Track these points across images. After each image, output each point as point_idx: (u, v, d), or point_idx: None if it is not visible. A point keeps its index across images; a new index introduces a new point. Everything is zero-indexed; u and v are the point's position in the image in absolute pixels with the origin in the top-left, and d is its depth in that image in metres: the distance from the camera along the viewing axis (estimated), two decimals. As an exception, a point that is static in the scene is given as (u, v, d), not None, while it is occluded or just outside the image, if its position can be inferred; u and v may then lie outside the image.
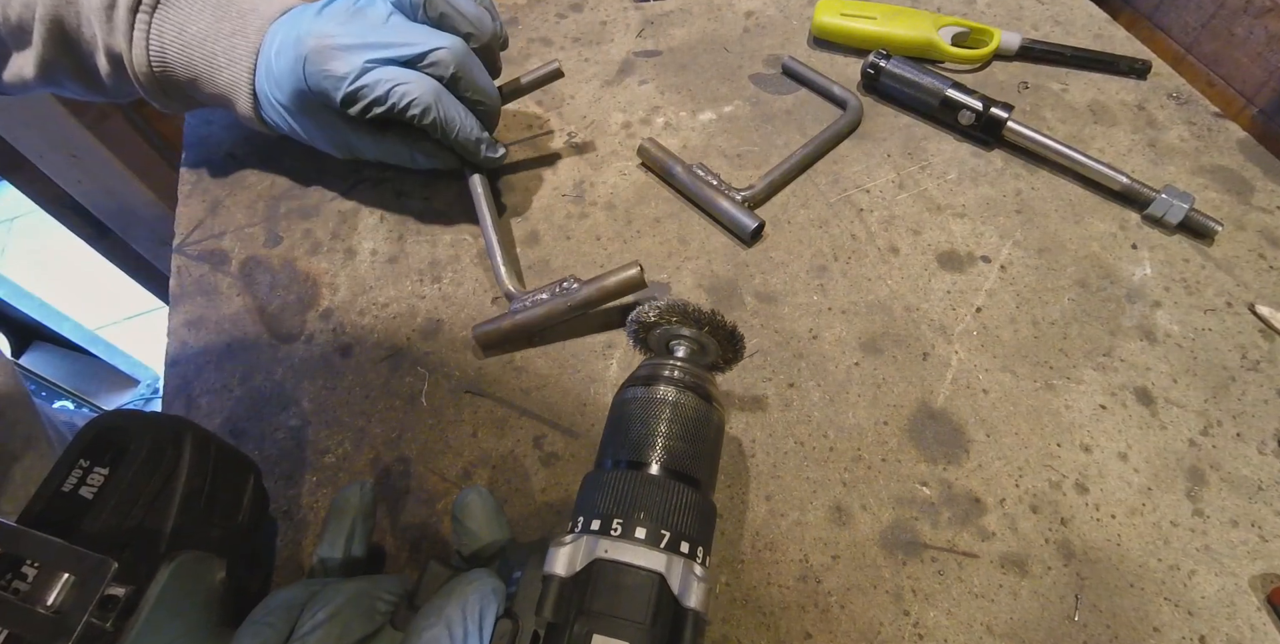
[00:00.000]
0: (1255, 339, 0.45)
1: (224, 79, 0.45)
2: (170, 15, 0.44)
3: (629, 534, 0.26)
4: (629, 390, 0.32)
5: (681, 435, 0.30)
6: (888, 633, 0.35)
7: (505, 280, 0.45)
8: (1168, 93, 0.57)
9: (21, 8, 0.42)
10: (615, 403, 0.32)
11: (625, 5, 0.64)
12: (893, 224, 0.50)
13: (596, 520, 0.27)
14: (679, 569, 0.26)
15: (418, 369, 0.44)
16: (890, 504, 0.39)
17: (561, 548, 0.26)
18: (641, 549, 0.26)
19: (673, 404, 0.30)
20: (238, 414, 0.43)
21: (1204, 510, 0.39)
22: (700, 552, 0.27)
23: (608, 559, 0.25)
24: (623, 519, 0.27)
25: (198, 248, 0.50)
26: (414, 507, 0.39)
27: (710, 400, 0.31)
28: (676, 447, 0.29)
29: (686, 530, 0.27)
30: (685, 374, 0.32)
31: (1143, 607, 0.36)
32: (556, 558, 0.26)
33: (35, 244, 1.83)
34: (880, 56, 0.55)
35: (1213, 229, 0.48)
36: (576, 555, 0.26)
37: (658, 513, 0.27)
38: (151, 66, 0.44)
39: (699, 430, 0.30)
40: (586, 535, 0.26)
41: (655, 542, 0.26)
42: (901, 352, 0.44)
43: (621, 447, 0.30)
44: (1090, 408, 0.42)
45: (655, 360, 0.33)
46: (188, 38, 0.44)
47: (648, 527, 0.26)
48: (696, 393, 0.31)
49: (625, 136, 0.55)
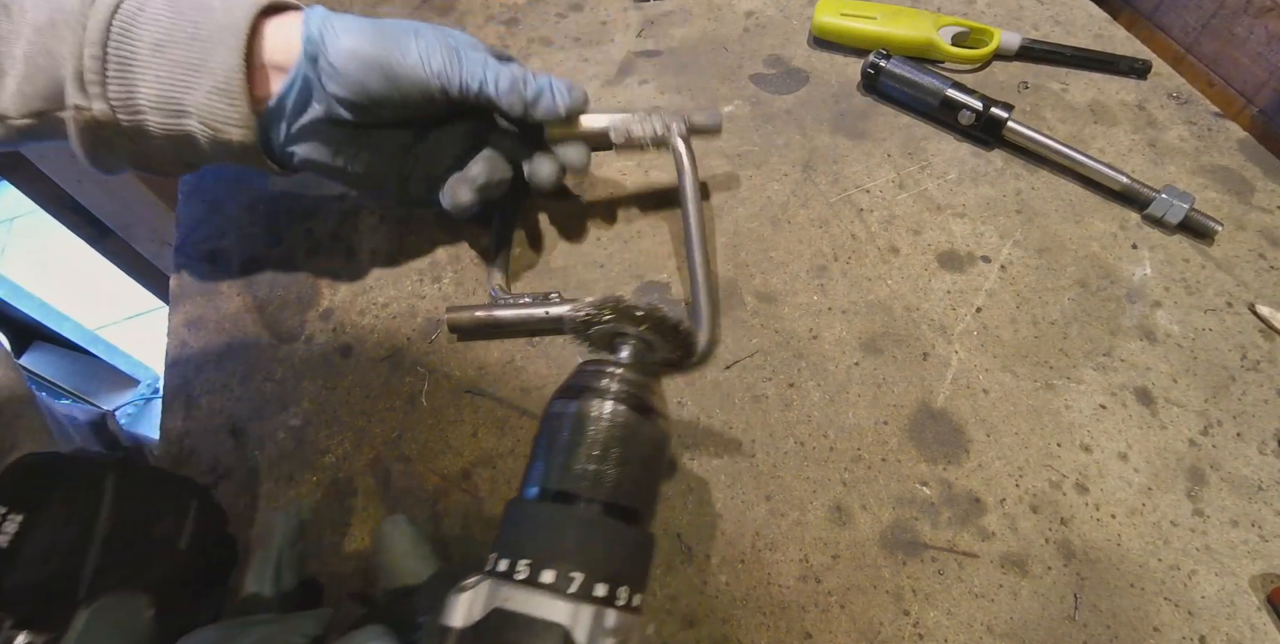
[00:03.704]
0: (1255, 339, 0.45)
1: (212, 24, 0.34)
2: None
3: (534, 579, 0.23)
4: (555, 404, 0.28)
5: (608, 458, 0.26)
6: (888, 633, 0.35)
7: (494, 277, 0.46)
8: (1168, 93, 0.57)
9: None
10: (543, 417, 0.29)
11: (625, 5, 0.64)
12: (893, 224, 0.50)
13: (505, 561, 0.24)
14: (586, 620, 0.23)
15: (418, 369, 0.44)
16: (890, 504, 0.39)
17: (462, 594, 0.24)
18: (545, 597, 0.23)
19: (603, 421, 0.27)
20: (238, 414, 0.43)
21: (1204, 510, 0.39)
22: (624, 593, 0.24)
23: (506, 610, 0.23)
24: (531, 561, 0.24)
25: (198, 248, 0.50)
26: (414, 507, 0.39)
27: (646, 411, 0.28)
28: (602, 472, 0.26)
29: (607, 571, 0.24)
30: (620, 382, 0.28)
31: (1143, 607, 0.36)
32: (455, 607, 0.23)
33: (35, 244, 1.83)
34: (880, 56, 0.55)
35: (1213, 229, 0.48)
36: (476, 604, 0.23)
37: (572, 553, 0.24)
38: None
39: (631, 450, 0.27)
40: (490, 579, 0.24)
41: (563, 588, 0.23)
42: (901, 351, 0.44)
43: (540, 473, 0.27)
44: (1090, 408, 0.42)
45: (590, 365, 0.29)
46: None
47: (557, 569, 0.23)
48: (630, 405, 0.28)
49: (625, 136, 0.55)
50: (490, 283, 0.46)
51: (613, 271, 0.48)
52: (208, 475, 0.41)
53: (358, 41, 0.36)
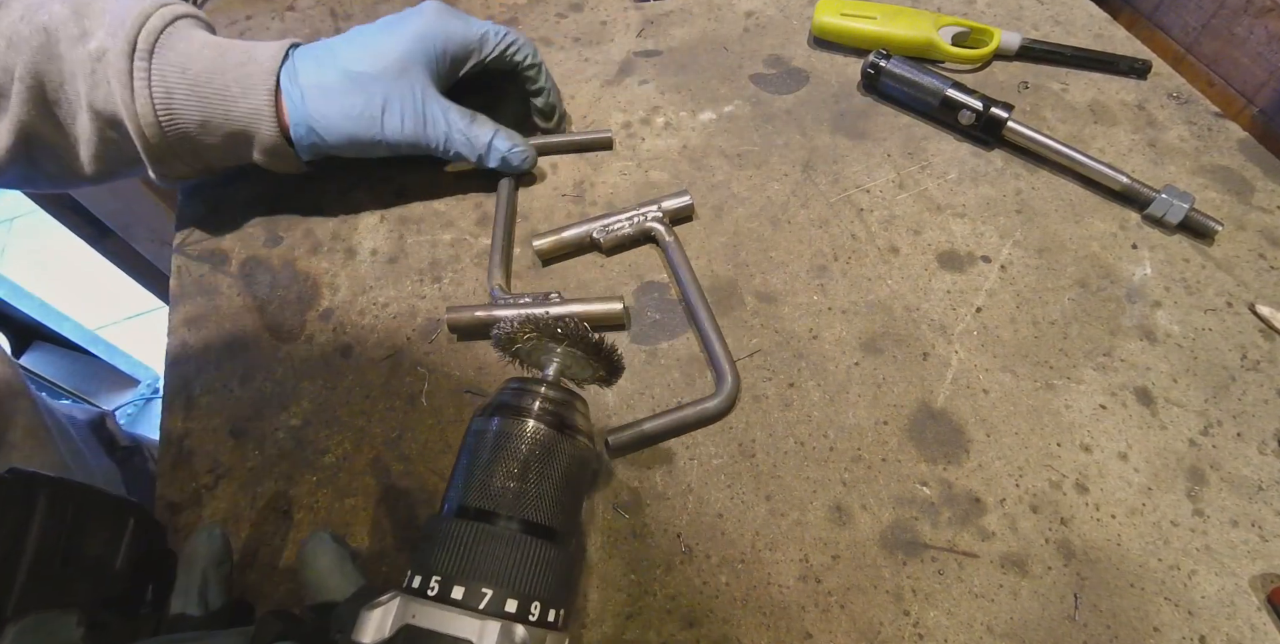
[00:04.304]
0: (1255, 339, 0.45)
1: (242, 109, 0.43)
2: (170, 58, 0.41)
3: (445, 595, 0.24)
4: (478, 421, 0.29)
5: (527, 476, 0.27)
6: (888, 633, 0.35)
7: (493, 277, 0.46)
8: (1168, 93, 0.57)
9: (0, 71, 0.39)
10: (465, 434, 0.29)
11: (625, 5, 0.64)
12: (893, 224, 0.50)
13: (419, 577, 0.25)
14: (493, 635, 0.23)
15: (418, 369, 0.44)
16: (890, 504, 0.39)
17: (373, 611, 0.24)
18: (453, 613, 0.23)
19: (523, 439, 0.27)
20: (238, 414, 0.43)
21: (1204, 510, 0.39)
22: (536, 607, 0.25)
23: (415, 626, 0.23)
24: (442, 577, 0.24)
25: (198, 248, 0.50)
26: (413, 507, 0.39)
27: (567, 430, 0.29)
28: (521, 490, 0.27)
29: (518, 588, 0.24)
30: (542, 400, 0.29)
31: (1143, 607, 0.36)
32: (366, 623, 0.23)
33: (35, 244, 1.83)
34: (880, 56, 0.55)
35: (1213, 229, 0.48)
36: (386, 620, 0.23)
37: (485, 570, 0.24)
38: (157, 115, 0.41)
39: (551, 468, 0.27)
40: (402, 596, 0.24)
41: (472, 604, 0.24)
42: (901, 351, 0.44)
43: (459, 489, 0.27)
44: (1090, 408, 0.42)
45: (514, 382, 0.30)
46: (193, 76, 0.42)
47: (466, 586, 0.24)
48: (550, 423, 0.28)
49: (626, 136, 0.55)
50: (490, 283, 0.46)
51: (612, 272, 0.48)
52: (208, 475, 0.41)
53: (344, 133, 0.45)
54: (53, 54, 0.40)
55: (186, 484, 0.40)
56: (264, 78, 0.43)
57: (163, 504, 0.40)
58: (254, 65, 0.43)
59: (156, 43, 0.41)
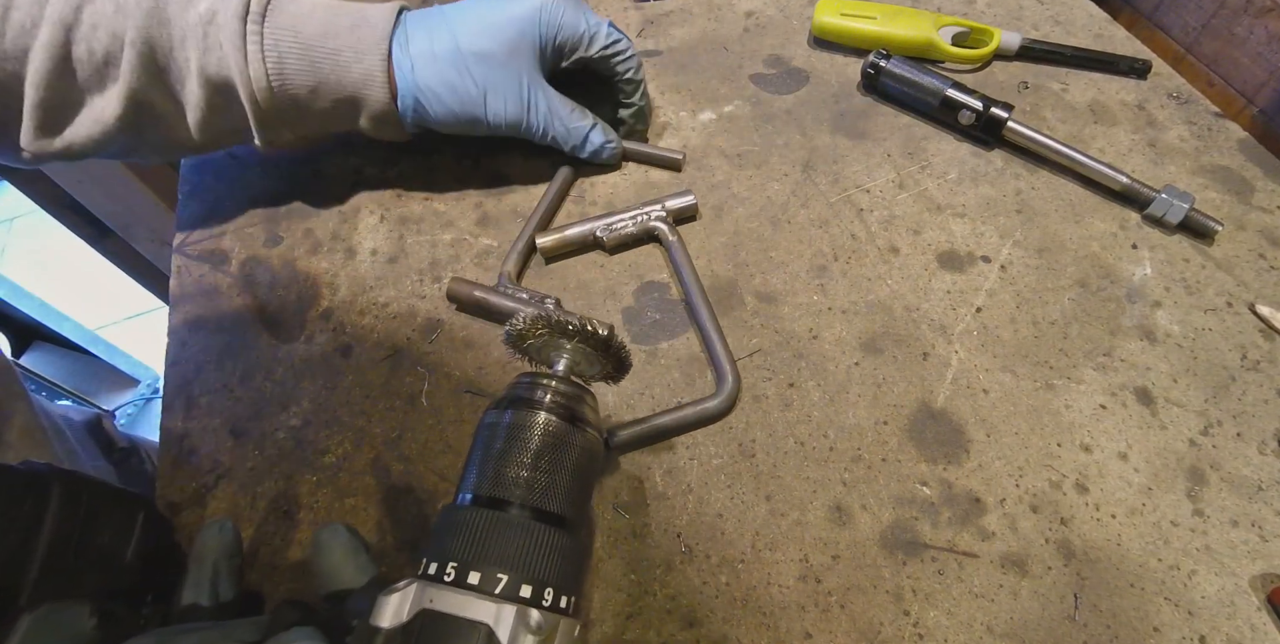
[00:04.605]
0: (1255, 339, 0.45)
1: (354, 74, 0.42)
2: (282, 21, 0.40)
3: (461, 580, 0.24)
4: (490, 414, 0.30)
5: (539, 466, 0.28)
6: (888, 633, 0.35)
7: (508, 262, 0.47)
8: (1168, 93, 0.57)
9: (109, 38, 0.38)
10: (478, 427, 0.30)
11: (625, 5, 0.64)
12: (893, 224, 0.50)
13: (435, 564, 0.25)
14: (510, 618, 0.23)
15: (418, 369, 0.44)
16: (890, 504, 0.39)
17: (391, 596, 0.24)
18: (470, 597, 0.24)
19: (535, 430, 0.28)
20: (238, 414, 0.43)
21: (1204, 510, 0.39)
22: (550, 593, 0.25)
23: (433, 610, 0.24)
24: (458, 563, 0.25)
25: (198, 248, 0.50)
26: (413, 506, 0.39)
27: (578, 422, 0.29)
28: (533, 479, 0.27)
29: (533, 573, 0.25)
30: (553, 394, 0.29)
31: (1143, 607, 0.36)
32: (384, 608, 0.24)
33: (35, 244, 1.83)
34: (880, 56, 0.55)
35: (1213, 229, 0.48)
36: (404, 605, 0.24)
37: (500, 556, 0.25)
38: (270, 80, 0.40)
39: (562, 459, 0.28)
40: (419, 581, 0.25)
41: (488, 588, 0.24)
42: (901, 351, 0.44)
43: (473, 479, 0.28)
44: (1090, 408, 0.42)
45: (525, 377, 0.31)
46: (305, 38, 0.41)
47: (483, 571, 0.24)
48: (562, 416, 0.29)
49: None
50: (503, 267, 0.46)
51: (613, 271, 0.48)
52: (208, 475, 0.41)
53: (447, 108, 0.44)
54: (162, 18, 0.38)
55: (186, 484, 0.40)
56: (377, 42, 0.42)
57: (163, 504, 0.40)
58: (366, 29, 0.42)
59: (268, 5, 0.40)
